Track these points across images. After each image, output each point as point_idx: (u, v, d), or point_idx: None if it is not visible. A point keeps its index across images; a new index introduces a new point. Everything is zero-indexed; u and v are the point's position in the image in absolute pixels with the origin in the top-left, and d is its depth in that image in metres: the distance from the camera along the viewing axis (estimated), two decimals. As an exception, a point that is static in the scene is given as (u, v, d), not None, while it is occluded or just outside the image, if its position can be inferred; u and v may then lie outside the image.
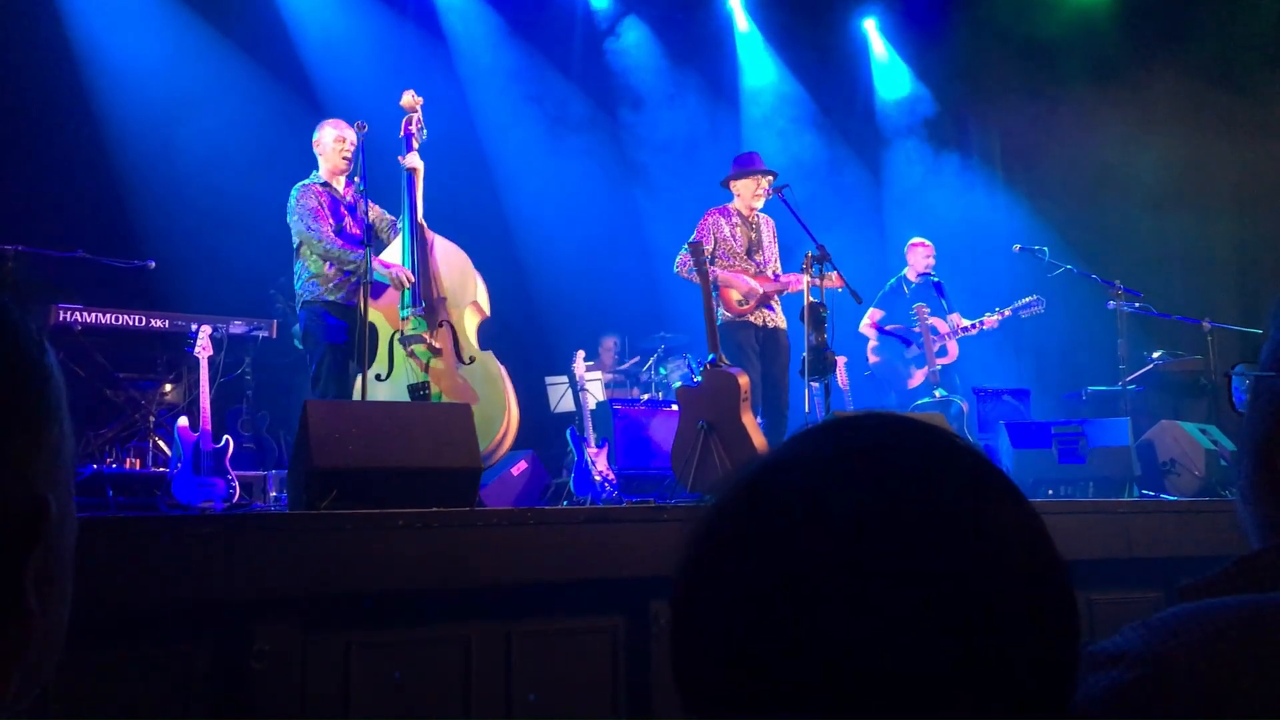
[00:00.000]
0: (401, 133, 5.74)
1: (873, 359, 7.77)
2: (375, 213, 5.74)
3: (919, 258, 7.82)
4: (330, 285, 5.49)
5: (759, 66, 9.98)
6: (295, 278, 5.67)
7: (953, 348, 7.54)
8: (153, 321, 6.20)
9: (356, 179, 5.72)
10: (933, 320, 7.56)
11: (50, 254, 6.08)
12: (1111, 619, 4.23)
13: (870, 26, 10.23)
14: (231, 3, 8.13)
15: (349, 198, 5.76)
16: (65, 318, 5.95)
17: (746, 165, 6.52)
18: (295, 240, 5.62)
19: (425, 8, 8.87)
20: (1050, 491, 6.13)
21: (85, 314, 6.01)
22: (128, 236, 7.10)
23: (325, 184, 5.71)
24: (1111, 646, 0.80)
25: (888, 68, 10.27)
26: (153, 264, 6.49)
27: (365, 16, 8.52)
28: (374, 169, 5.70)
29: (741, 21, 9.95)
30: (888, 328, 7.66)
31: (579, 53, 9.45)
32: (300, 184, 5.67)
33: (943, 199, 9.60)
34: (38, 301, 0.61)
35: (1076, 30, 9.65)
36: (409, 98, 5.83)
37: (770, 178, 6.41)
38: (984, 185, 10.03)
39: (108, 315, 6.07)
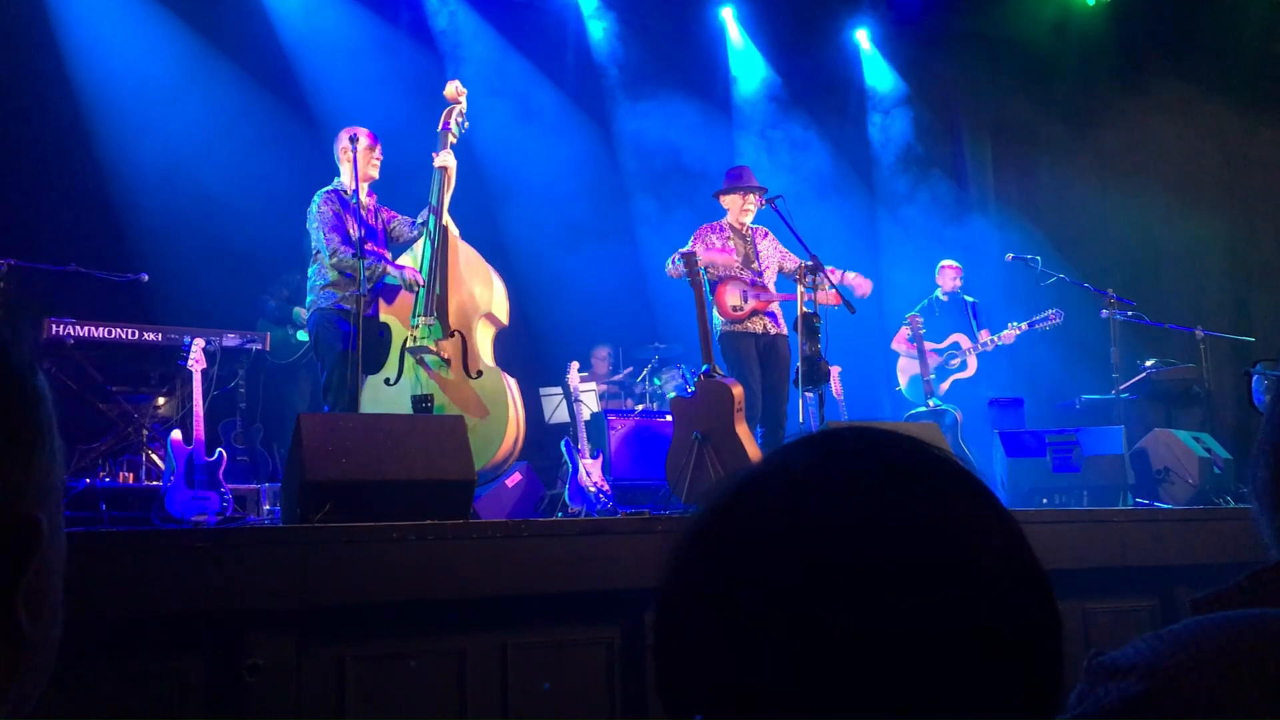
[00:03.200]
0: (440, 126, 5.62)
1: (901, 378, 7.95)
2: (394, 220, 5.70)
3: (947, 279, 8.11)
4: (346, 294, 5.37)
5: (751, 77, 10.00)
6: (310, 283, 5.58)
7: (972, 362, 7.76)
8: (145, 335, 6.18)
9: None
10: (957, 336, 7.82)
11: (43, 267, 6.06)
12: (1107, 628, 4.25)
13: (862, 37, 10.26)
14: (224, 17, 8.13)
15: (370, 205, 5.67)
16: (58, 331, 5.92)
17: (735, 181, 6.53)
18: (313, 247, 5.55)
19: (418, 19, 8.88)
20: (1045, 500, 6.14)
21: (78, 327, 5.99)
22: (120, 250, 7.09)
23: (345, 191, 5.60)
24: (1122, 658, 0.80)
25: (880, 79, 10.30)
26: (145, 277, 6.48)
27: (358, 28, 8.53)
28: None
29: (734, 32, 9.98)
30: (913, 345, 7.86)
31: (572, 63, 9.47)
32: (321, 190, 5.57)
33: (936, 211, 9.62)
34: (29, 319, 0.61)
35: (1070, 43, 9.70)
36: (452, 89, 5.66)
37: (758, 194, 6.41)
38: (977, 197, 10.06)
39: (100, 329, 6.05)
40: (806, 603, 0.65)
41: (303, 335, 7.12)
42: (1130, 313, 7.35)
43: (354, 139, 5.55)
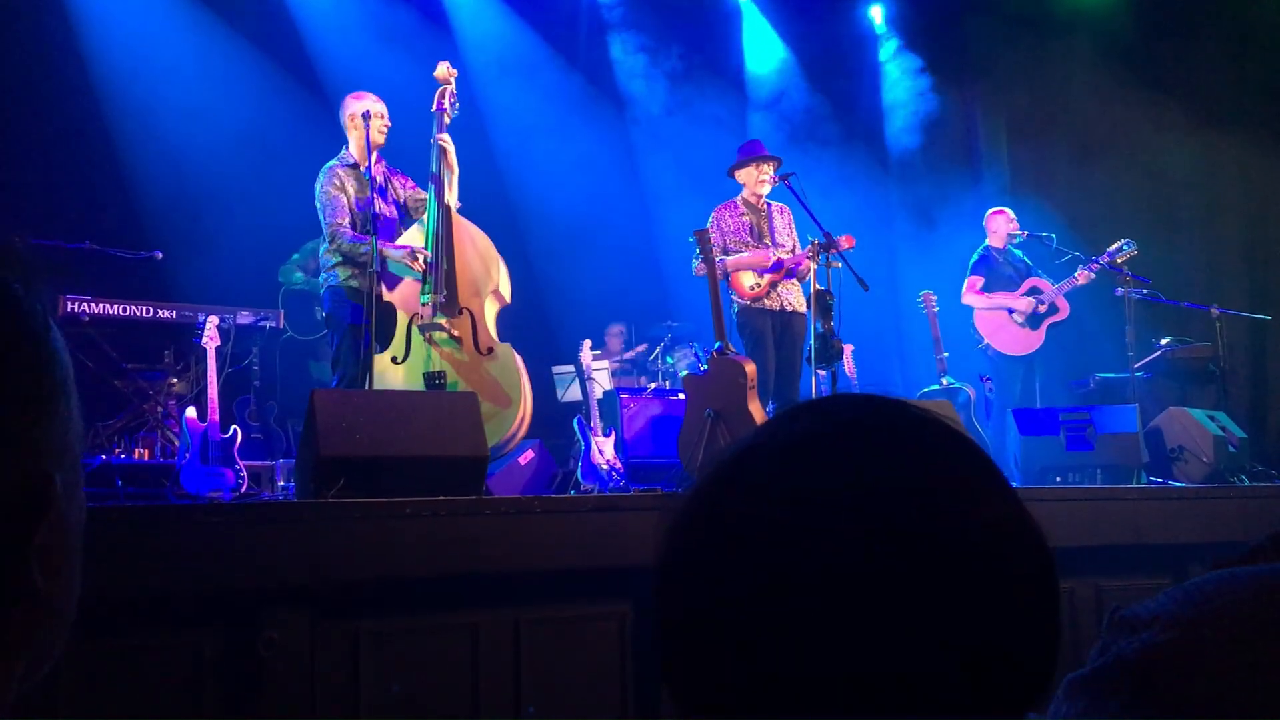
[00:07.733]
0: (434, 107, 5.60)
1: (981, 327, 7.54)
2: (409, 191, 5.65)
3: (1001, 225, 7.63)
4: (350, 273, 5.37)
5: (765, 54, 9.94)
6: (322, 260, 5.55)
7: (1063, 304, 7.39)
8: (160, 312, 6.21)
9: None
10: (1035, 281, 7.48)
11: (58, 245, 6.08)
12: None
13: (876, 14, 10.18)
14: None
15: (380, 177, 5.57)
16: (73, 309, 5.95)
17: (748, 153, 6.50)
18: (323, 226, 5.51)
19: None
20: (1058, 479, 6.13)
21: (93, 305, 6.02)
22: (135, 228, 7.11)
23: (353, 165, 5.52)
24: (1144, 610, 0.80)
25: (894, 56, 10.21)
26: (160, 255, 6.50)
27: (369, 3, 8.50)
28: (390, 148, 5.63)
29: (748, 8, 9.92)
30: (991, 295, 7.50)
31: (585, 40, 9.43)
32: (326, 166, 5.48)
33: (950, 188, 9.56)
34: (46, 283, 0.61)
35: (1087, 20, 9.60)
36: (444, 69, 5.66)
37: (773, 164, 6.39)
38: (991, 173, 9.99)
39: (115, 306, 6.08)
40: (800, 579, 0.63)
41: None
42: (1145, 291, 7.30)
43: (366, 116, 5.44)
